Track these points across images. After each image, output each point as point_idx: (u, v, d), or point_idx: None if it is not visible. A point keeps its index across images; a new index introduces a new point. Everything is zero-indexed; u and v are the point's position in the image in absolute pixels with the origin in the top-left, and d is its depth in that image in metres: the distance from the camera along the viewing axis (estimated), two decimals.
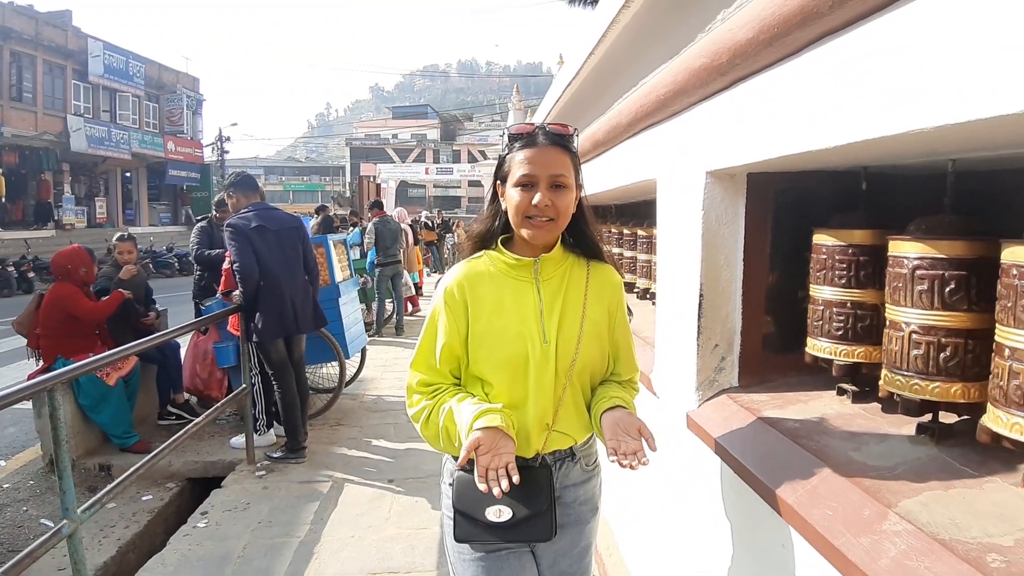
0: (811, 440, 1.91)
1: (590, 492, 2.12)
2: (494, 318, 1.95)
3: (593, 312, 2.00)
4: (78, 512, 3.23)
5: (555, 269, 2.01)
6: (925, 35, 1.26)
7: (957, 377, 1.69)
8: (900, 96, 1.33)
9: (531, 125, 1.97)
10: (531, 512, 1.90)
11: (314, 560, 4.08)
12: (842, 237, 2.07)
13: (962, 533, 1.37)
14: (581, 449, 2.07)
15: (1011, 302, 1.44)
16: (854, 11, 1.42)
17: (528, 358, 1.92)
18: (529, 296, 1.96)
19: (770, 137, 1.88)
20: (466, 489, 1.93)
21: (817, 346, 2.17)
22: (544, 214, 1.87)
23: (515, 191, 1.89)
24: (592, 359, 2.01)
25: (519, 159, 1.90)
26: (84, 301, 5.74)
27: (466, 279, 1.99)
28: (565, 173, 1.89)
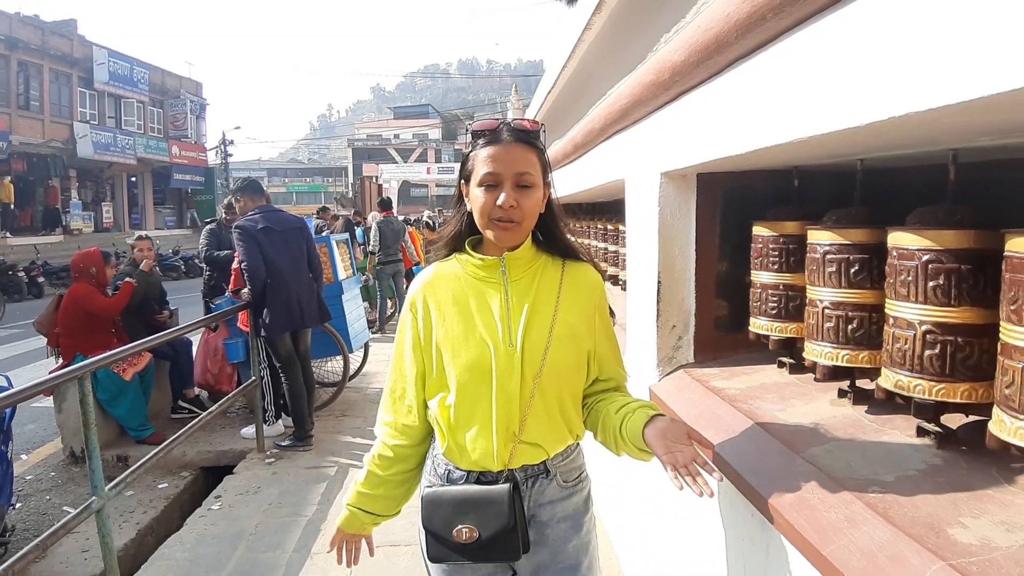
0: (746, 403, 2.21)
1: (570, 509, 1.94)
2: (457, 322, 1.85)
3: (566, 314, 1.86)
4: (106, 490, 3.54)
5: (525, 269, 1.89)
6: (813, 60, 1.56)
7: (864, 346, 2.00)
8: (803, 106, 1.62)
9: (495, 121, 1.88)
10: (496, 531, 1.80)
11: (321, 535, 4.39)
12: (775, 228, 2.37)
13: (854, 472, 1.67)
14: (558, 464, 1.91)
15: (893, 279, 1.74)
16: (758, 39, 1.72)
17: (491, 364, 1.79)
18: (496, 298, 1.86)
19: (710, 142, 2.17)
20: (433, 509, 1.86)
21: (757, 324, 2.48)
22: (509, 216, 1.76)
23: (479, 191, 1.79)
24: (564, 364, 1.86)
25: (482, 157, 1.79)
26: (100, 298, 6.08)
27: (429, 284, 1.92)
28: (531, 171, 1.78)
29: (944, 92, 1.11)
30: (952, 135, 1.53)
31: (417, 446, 1.99)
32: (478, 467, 1.85)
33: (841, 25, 1.41)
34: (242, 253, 5.56)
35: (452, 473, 1.90)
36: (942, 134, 1.51)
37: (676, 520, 2.57)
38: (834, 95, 1.45)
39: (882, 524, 1.40)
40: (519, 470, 1.86)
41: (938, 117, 1.22)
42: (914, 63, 1.19)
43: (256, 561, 4.13)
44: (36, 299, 20.17)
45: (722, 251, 2.71)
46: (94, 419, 3.57)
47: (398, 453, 1.97)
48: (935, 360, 1.62)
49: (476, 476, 1.87)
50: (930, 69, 1.14)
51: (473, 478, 1.87)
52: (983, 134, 1.49)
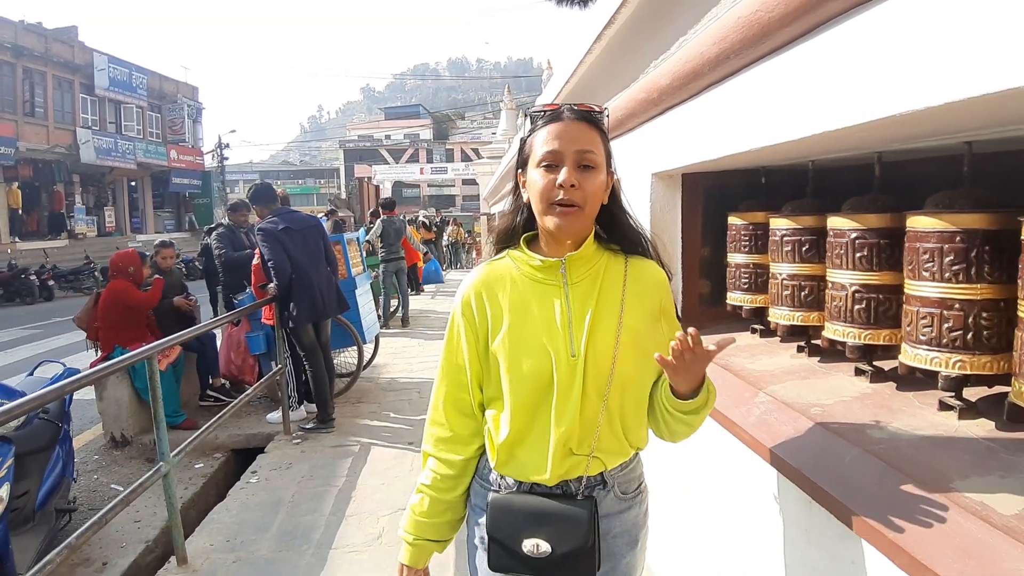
0: (722, 360, 2.72)
1: (628, 524, 1.81)
2: (515, 329, 1.70)
3: (632, 319, 1.70)
4: (170, 456, 4.05)
5: (587, 269, 1.73)
6: (768, 87, 2.08)
7: (814, 308, 2.52)
8: (761, 121, 2.14)
9: (556, 103, 1.73)
10: (571, 549, 1.67)
11: (352, 502, 4.91)
12: (746, 218, 2.90)
13: (802, 399, 2.19)
14: (615, 475, 1.78)
15: (830, 252, 2.26)
16: (725, 71, 2.23)
17: (552, 375, 1.65)
18: (555, 302, 1.70)
19: (691, 148, 2.69)
20: (501, 515, 1.72)
21: (733, 297, 3.00)
22: (570, 196, 1.60)
23: (537, 172, 1.65)
24: (631, 376, 1.71)
25: (541, 137, 1.66)
26: (137, 292, 6.62)
27: (484, 284, 1.77)
28: (594, 150, 1.63)
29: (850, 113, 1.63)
30: (875, 141, 2.05)
31: (478, 455, 1.85)
32: (529, 479, 1.73)
33: (789, 61, 1.92)
34: (268, 252, 6.06)
35: (502, 481, 1.78)
36: (863, 142, 2.03)
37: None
38: (784, 113, 1.97)
39: (819, 430, 1.92)
40: (574, 481, 1.72)
41: (851, 132, 1.73)
42: (828, 100, 1.71)
43: (297, 523, 4.64)
44: (47, 302, 20.65)
45: (704, 238, 3.23)
46: (160, 395, 4.06)
47: (462, 468, 1.83)
48: (862, 313, 2.15)
49: (529, 487, 1.74)
50: (837, 102, 1.66)
51: (525, 488, 1.75)
52: (895, 140, 2.02)
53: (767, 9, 1.77)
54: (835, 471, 1.72)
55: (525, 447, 1.71)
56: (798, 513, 1.88)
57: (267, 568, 4.05)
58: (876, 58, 1.49)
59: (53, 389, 3.34)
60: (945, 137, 1.83)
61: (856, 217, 2.14)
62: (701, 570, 2.70)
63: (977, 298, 1.74)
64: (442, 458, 1.82)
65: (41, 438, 4.45)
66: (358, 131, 73.61)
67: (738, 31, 1.96)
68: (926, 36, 1.33)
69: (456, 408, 1.82)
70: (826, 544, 1.73)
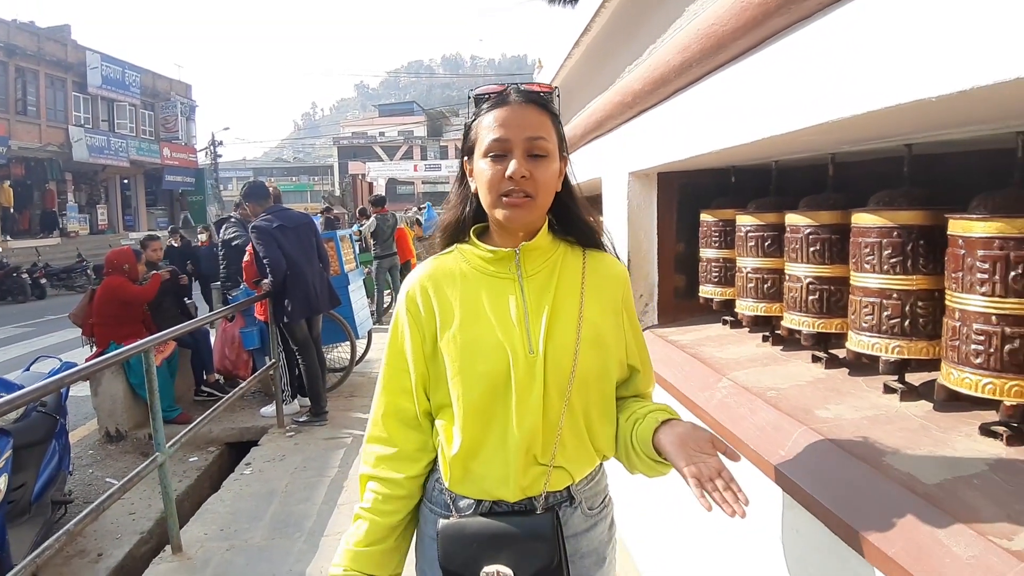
0: (693, 349, 2.88)
1: (595, 542, 1.69)
2: (466, 326, 1.57)
3: (592, 313, 1.61)
4: (166, 447, 4.19)
5: (543, 261, 1.62)
6: (729, 92, 2.23)
7: (776, 300, 2.66)
8: (723, 124, 2.29)
9: (501, 85, 1.60)
10: (536, 570, 1.52)
11: (344, 491, 5.06)
12: (716, 215, 3.05)
13: (760, 384, 2.33)
14: (583, 489, 1.66)
15: (788, 247, 2.41)
16: (689, 78, 2.39)
17: (509, 375, 1.52)
18: (510, 296, 1.59)
19: (664, 149, 2.83)
20: (455, 544, 1.56)
21: (705, 290, 3.15)
22: (521, 187, 1.48)
23: (484, 162, 1.52)
24: (594, 372, 1.60)
25: (487, 123, 1.53)
26: (132, 287, 6.77)
27: (431, 279, 1.64)
28: (545, 136, 1.51)
29: (796, 118, 1.78)
30: (826, 143, 2.21)
31: (426, 473, 1.68)
32: (490, 496, 1.58)
33: (742, 70, 2.07)
34: (263, 250, 6.20)
35: (458, 502, 1.62)
36: (814, 144, 2.19)
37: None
38: (739, 117, 2.12)
39: (771, 410, 2.07)
40: (538, 498, 1.58)
41: (798, 136, 1.88)
42: (776, 105, 1.86)
43: (289, 512, 4.79)
44: (39, 300, 20.74)
45: (678, 234, 3.38)
46: (156, 387, 4.19)
47: (409, 489, 1.65)
48: (815, 303, 2.30)
49: (488, 506, 1.59)
50: (784, 107, 1.82)
51: (485, 508, 1.59)
52: (843, 143, 2.17)
53: (720, 23, 1.92)
54: (781, 447, 1.87)
55: (482, 459, 1.56)
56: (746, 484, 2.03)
57: (260, 555, 4.20)
58: (816, 68, 1.64)
59: (52, 381, 3.46)
60: (888, 140, 1.98)
61: (809, 214, 2.29)
62: (671, 536, 2.86)
63: (913, 288, 1.89)
64: (385, 478, 1.63)
65: (39, 431, 4.58)
66: (352, 128, 73.36)
67: (698, 42, 2.12)
68: (860, 49, 1.48)
69: (399, 420, 1.65)
70: (769, 508, 1.90)
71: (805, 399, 2.12)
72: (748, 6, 1.75)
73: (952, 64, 1.18)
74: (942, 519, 1.37)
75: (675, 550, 2.83)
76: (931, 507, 1.42)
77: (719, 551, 2.33)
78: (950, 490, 1.47)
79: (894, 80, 1.35)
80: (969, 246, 1.60)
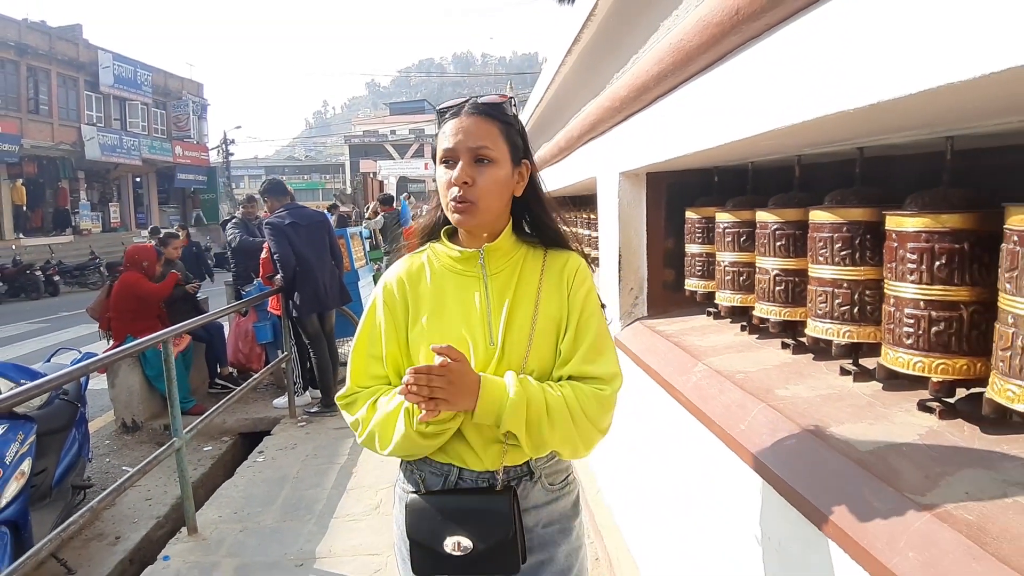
0: (677, 338, 3.08)
1: (556, 513, 1.85)
2: (434, 319, 1.74)
3: (548, 306, 1.76)
4: (183, 433, 4.42)
5: (505, 261, 1.79)
6: (704, 98, 2.44)
7: (750, 291, 2.86)
8: (702, 127, 2.49)
9: (463, 99, 1.75)
10: (493, 543, 1.67)
11: (353, 477, 5.29)
12: (700, 212, 3.25)
13: (733, 368, 2.53)
14: (541, 466, 1.82)
15: (761, 243, 2.61)
16: (668, 85, 2.58)
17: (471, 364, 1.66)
18: (475, 293, 1.75)
19: (650, 150, 3.02)
20: (419, 519, 1.73)
21: (689, 283, 3.35)
22: (463, 192, 1.65)
23: (440, 170, 1.70)
24: (549, 360, 1.77)
25: (443, 133, 1.70)
26: (148, 283, 7.02)
27: (406, 274, 1.80)
28: (488, 145, 1.66)
29: (754, 123, 1.99)
30: (790, 147, 2.41)
31: None
32: (459, 460, 1.75)
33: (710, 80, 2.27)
34: (274, 246, 6.44)
35: (428, 480, 1.80)
36: (780, 147, 2.39)
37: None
38: (708, 123, 2.32)
39: (737, 390, 2.27)
40: (498, 472, 1.74)
41: (759, 140, 2.08)
42: (738, 111, 2.06)
43: (301, 496, 5.02)
44: (52, 297, 21.12)
45: (667, 231, 3.57)
46: (175, 375, 4.42)
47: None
48: (782, 294, 2.50)
49: (455, 481, 1.77)
50: (745, 113, 2.02)
51: (451, 483, 1.77)
52: (805, 146, 2.37)
53: (687, 39, 2.13)
54: (742, 422, 2.07)
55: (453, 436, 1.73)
56: (710, 454, 2.25)
57: (272, 536, 4.43)
58: (768, 79, 1.84)
59: (75, 368, 3.70)
60: (843, 143, 2.18)
61: (776, 211, 2.49)
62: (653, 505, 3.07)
63: (861, 278, 2.09)
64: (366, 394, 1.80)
65: (60, 418, 4.81)
66: (363, 126, 73.30)
67: (671, 55, 2.32)
68: (803, 62, 1.68)
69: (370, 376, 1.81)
70: (731, 475, 2.10)
71: (769, 380, 2.32)
72: (708, 25, 1.95)
73: (879, 76, 1.37)
74: (869, 479, 1.57)
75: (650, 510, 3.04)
76: (861, 469, 1.61)
77: (690, 511, 2.55)
78: (881, 456, 1.67)
79: (830, 91, 1.54)
80: (901, 239, 1.80)
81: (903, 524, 1.39)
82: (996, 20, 1.05)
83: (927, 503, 1.42)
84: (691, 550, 2.58)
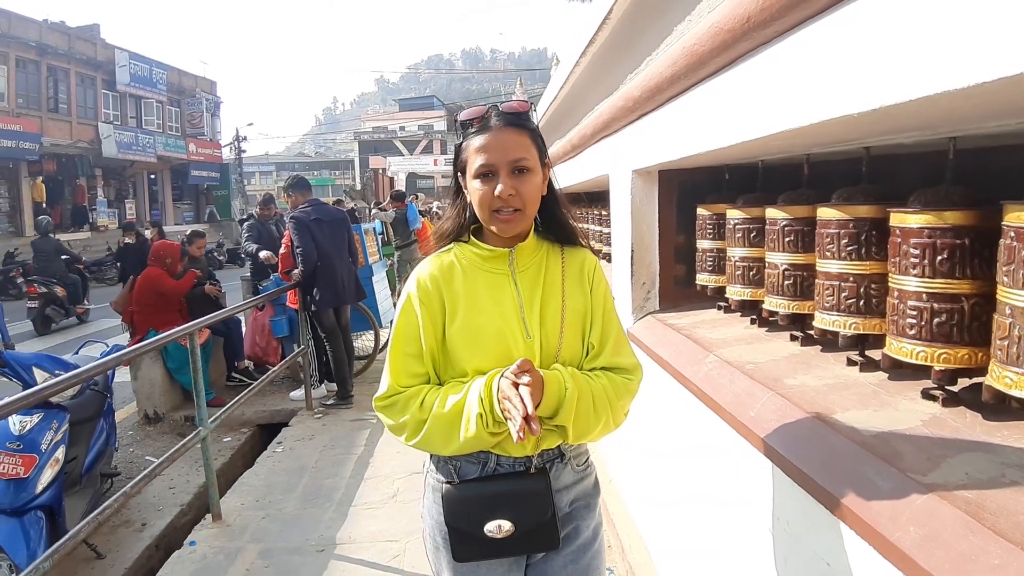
0: (688, 331, 3.18)
1: (583, 492, 1.98)
2: (471, 316, 1.81)
3: (573, 300, 1.88)
4: (208, 422, 4.54)
5: (531, 258, 1.89)
6: (717, 99, 2.53)
7: (760, 286, 2.95)
8: (715, 127, 2.59)
9: (483, 107, 1.83)
10: (534, 523, 1.79)
11: (370, 467, 5.41)
12: (711, 209, 3.34)
13: (742, 359, 2.63)
14: (570, 448, 1.93)
15: (771, 238, 2.71)
16: (681, 87, 2.68)
17: (512, 357, 1.74)
18: (507, 290, 1.84)
19: (663, 148, 3.12)
20: (459, 507, 1.82)
21: (700, 278, 3.45)
22: (509, 204, 1.73)
23: (476, 183, 1.76)
24: (576, 351, 1.89)
25: (474, 147, 1.76)
26: (169, 280, 7.16)
27: (439, 273, 1.85)
28: (526, 156, 1.75)
29: (764, 124, 2.08)
30: (799, 146, 2.51)
31: None
32: (498, 450, 1.83)
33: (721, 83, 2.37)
34: (297, 240, 6.58)
35: (463, 469, 1.87)
36: (789, 146, 2.48)
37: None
38: (720, 123, 2.41)
39: (747, 380, 2.37)
40: (533, 456, 1.85)
41: (769, 140, 2.18)
42: (749, 113, 2.16)
43: (320, 485, 5.14)
44: None
45: (678, 227, 3.67)
46: (200, 366, 4.56)
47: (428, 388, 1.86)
48: (790, 288, 2.60)
49: (495, 460, 1.85)
50: (755, 115, 2.12)
51: (492, 464, 1.86)
52: (815, 145, 2.47)
53: (700, 44, 2.23)
54: (751, 409, 2.17)
55: None
56: (720, 439, 2.34)
57: (293, 522, 4.56)
58: (779, 82, 1.94)
59: (108, 359, 3.83)
60: (850, 143, 2.28)
61: (785, 208, 2.58)
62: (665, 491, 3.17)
63: (866, 272, 2.18)
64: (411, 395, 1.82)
65: (90, 408, 4.92)
66: (372, 123, 73.26)
67: (684, 58, 2.42)
68: (814, 68, 1.78)
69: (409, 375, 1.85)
70: (742, 458, 2.20)
71: (778, 371, 2.42)
72: (720, 31, 2.05)
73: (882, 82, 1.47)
74: (873, 461, 1.67)
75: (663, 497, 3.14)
76: (866, 452, 1.71)
77: (701, 495, 2.65)
78: (884, 439, 1.77)
79: (836, 95, 1.64)
80: (905, 235, 1.90)
81: (905, 502, 1.49)
82: (988, 35, 1.15)
83: (928, 483, 1.52)
84: (702, 533, 2.69)
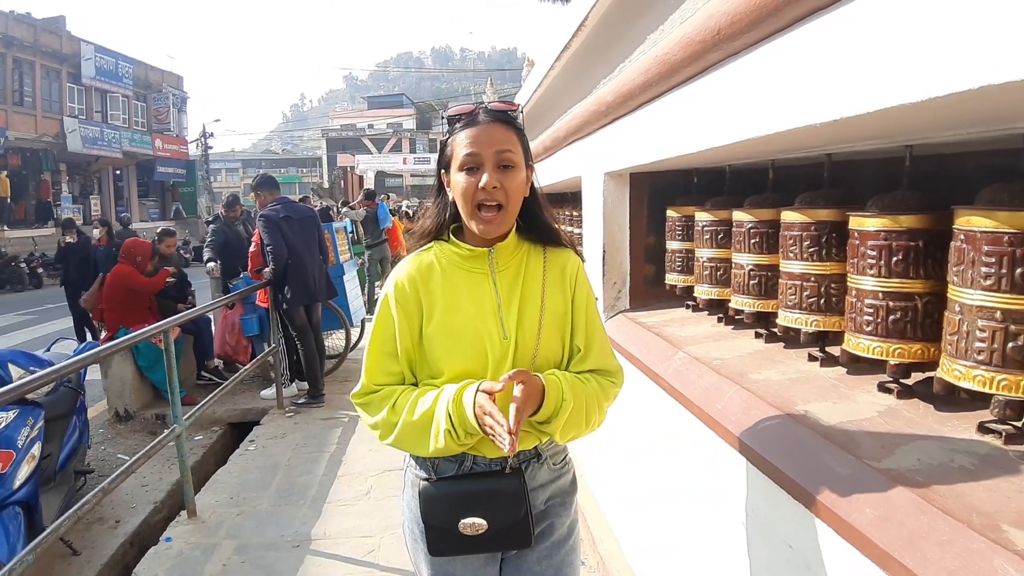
0: (658, 329, 3.28)
1: (559, 490, 1.99)
2: (448, 315, 1.81)
3: (553, 302, 1.87)
4: (182, 420, 4.58)
5: (510, 258, 1.88)
6: (686, 106, 2.64)
7: (726, 285, 3.05)
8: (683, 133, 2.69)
9: (471, 105, 1.85)
10: (507, 522, 1.81)
11: (343, 464, 5.46)
12: (680, 211, 3.45)
13: (709, 355, 2.73)
14: (547, 448, 1.94)
15: (736, 240, 2.82)
16: (653, 93, 2.78)
17: (487, 357, 1.79)
18: (485, 289, 1.84)
19: (634, 152, 3.22)
20: (434, 503, 1.84)
21: (670, 278, 3.56)
22: (493, 197, 1.72)
23: (460, 176, 1.75)
24: (554, 352, 1.88)
25: (461, 140, 1.76)
26: (140, 277, 7.15)
27: (417, 272, 1.86)
28: (512, 149, 1.75)
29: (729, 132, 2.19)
30: (764, 152, 2.62)
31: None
32: (474, 451, 1.84)
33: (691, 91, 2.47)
34: (267, 238, 6.59)
35: (441, 467, 1.89)
36: (753, 153, 2.59)
37: None
38: (688, 130, 2.52)
39: (714, 375, 2.48)
40: (512, 456, 1.85)
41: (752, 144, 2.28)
42: (715, 121, 2.26)
43: (293, 482, 5.19)
44: (36, 289, 21.05)
45: (649, 228, 3.78)
46: (175, 365, 4.58)
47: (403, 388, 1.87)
48: (755, 287, 2.71)
49: (472, 460, 1.87)
50: (721, 123, 2.22)
51: (466, 469, 1.88)
52: (778, 152, 2.58)
53: (672, 53, 2.33)
54: (718, 403, 2.28)
55: None
56: (689, 431, 2.45)
57: (268, 519, 4.60)
58: (747, 92, 2.04)
59: (85, 356, 3.84)
60: (813, 150, 2.39)
61: (751, 211, 2.70)
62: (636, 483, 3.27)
63: (827, 273, 2.30)
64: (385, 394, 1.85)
65: (64, 405, 4.92)
66: (341, 120, 72.47)
67: (656, 66, 2.52)
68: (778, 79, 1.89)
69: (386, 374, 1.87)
70: (709, 449, 2.30)
71: (743, 366, 2.53)
72: (691, 41, 2.15)
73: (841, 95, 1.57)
74: (831, 449, 1.77)
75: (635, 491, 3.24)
76: (825, 441, 1.82)
77: (671, 485, 2.76)
78: (841, 429, 1.88)
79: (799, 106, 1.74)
80: (863, 237, 2.02)
81: (861, 485, 1.59)
82: (937, 54, 1.25)
83: (883, 468, 1.63)
84: (671, 523, 2.80)
